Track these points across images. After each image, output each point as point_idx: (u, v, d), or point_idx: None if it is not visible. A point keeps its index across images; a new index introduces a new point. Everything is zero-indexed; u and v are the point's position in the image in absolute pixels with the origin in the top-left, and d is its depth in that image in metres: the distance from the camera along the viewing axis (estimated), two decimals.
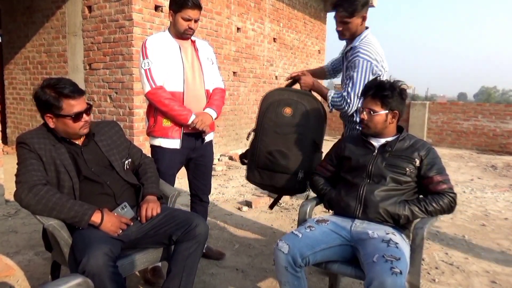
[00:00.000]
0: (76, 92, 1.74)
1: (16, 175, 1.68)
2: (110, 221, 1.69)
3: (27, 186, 1.62)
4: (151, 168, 2.08)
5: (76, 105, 1.73)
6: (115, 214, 1.76)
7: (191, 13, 2.16)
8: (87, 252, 1.49)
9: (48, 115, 1.73)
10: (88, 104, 1.80)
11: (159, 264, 2.12)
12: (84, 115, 1.77)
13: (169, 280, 1.76)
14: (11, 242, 2.84)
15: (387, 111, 1.82)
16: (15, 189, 1.66)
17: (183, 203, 3.68)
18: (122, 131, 2.07)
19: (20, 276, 2.32)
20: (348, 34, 2.21)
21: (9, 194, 3.71)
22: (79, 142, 1.85)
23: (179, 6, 2.16)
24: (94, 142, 1.88)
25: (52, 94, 1.70)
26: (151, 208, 1.84)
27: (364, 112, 1.85)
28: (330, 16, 13.14)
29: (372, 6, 9.52)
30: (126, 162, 1.99)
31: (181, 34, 2.23)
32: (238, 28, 6.80)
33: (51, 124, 1.75)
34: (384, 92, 1.80)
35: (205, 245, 2.11)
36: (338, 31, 2.23)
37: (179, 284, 1.74)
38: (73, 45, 5.40)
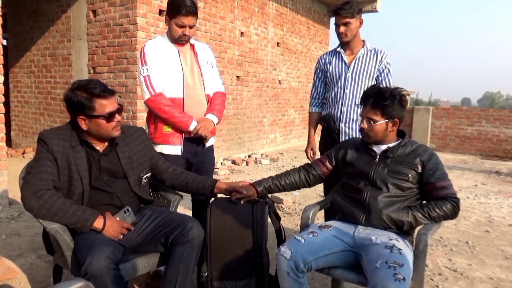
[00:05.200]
0: (107, 91, 1.72)
1: (28, 172, 1.67)
2: (112, 226, 1.68)
3: (33, 190, 1.61)
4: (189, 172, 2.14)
5: (108, 105, 1.71)
6: (117, 218, 1.76)
7: (184, 20, 2.11)
8: (90, 254, 1.49)
9: (81, 117, 1.70)
10: (119, 104, 1.78)
11: (162, 268, 2.12)
12: (116, 115, 1.75)
13: (165, 284, 1.74)
14: (14, 245, 2.85)
15: (387, 120, 1.81)
16: (21, 187, 1.65)
17: (186, 206, 3.67)
18: (148, 140, 2.03)
19: (22, 279, 2.32)
20: (350, 35, 2.54)
21: (13, 197, 3.72)
22: (100, 148, 1.81)
23: (173, 12, 2.12)
24: (115, 152, 1.84)
25: (84, 95, 1.67)
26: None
27: (364, 122, 1.84)
28: (334, 21, 13.07)
29: (376, 11, 9.55)
30: (144, 176, 1.94)
31: (175, 40, 2.21)
32: (241, 33, 6.83)
33: (84, 126, 1.72)
34: (384, 101, 1.78)
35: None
36: (340, 33, 2.54)
37: None
38: (77, 48, 5.44)
